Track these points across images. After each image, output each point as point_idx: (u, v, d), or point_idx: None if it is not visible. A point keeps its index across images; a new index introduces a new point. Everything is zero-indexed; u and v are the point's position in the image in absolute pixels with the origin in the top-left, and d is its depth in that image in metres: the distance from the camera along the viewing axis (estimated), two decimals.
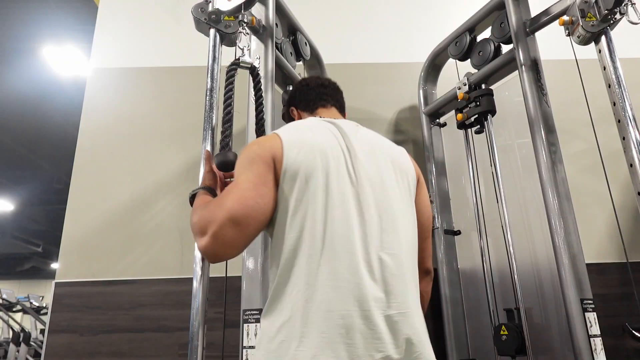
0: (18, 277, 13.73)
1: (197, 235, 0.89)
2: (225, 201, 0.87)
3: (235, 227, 0.85)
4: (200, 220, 0.89)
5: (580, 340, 1.27)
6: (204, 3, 1.37)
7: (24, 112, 6.12)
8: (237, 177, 0.92)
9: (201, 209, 0.92)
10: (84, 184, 2.06)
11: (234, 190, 0.89)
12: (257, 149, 0.95)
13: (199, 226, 0.88)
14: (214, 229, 0.84)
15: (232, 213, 0.84)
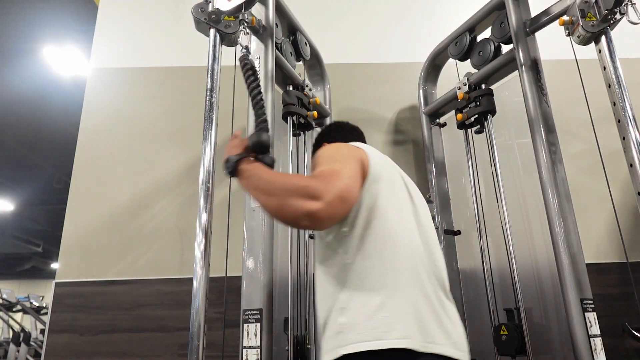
0: (18, 277, 13.74)
1: (299, 197, 0.89)
2: (336, 181, 0.92)
3: (342, 204, 0.91)
4: (307, 186, 0.91)
5: (580, 340, 1.27)
6: (204, 3, 1.37)
7: (24, 112, 6.12)
8: (334, 166, 0.98)
9: (293, 176, 1.05)
10: (84, 184, 2.06)
11: (341, 174, 0.95)
12: (349, 151, 1.07)
13: (306, 190, 0.89)
14: (329, 198, 0.88)
15: (343, 192, 0.91)
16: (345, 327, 0.90)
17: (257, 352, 1.16)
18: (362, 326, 0.88)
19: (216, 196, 1.32)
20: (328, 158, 1.03)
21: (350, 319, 0.90)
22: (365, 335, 0.86)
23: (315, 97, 1.88)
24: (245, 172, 1.03)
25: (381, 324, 0.87)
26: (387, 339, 0.85)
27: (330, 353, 0.90)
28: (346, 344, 0.87)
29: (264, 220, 1.30)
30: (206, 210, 1.18)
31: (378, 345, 0.84)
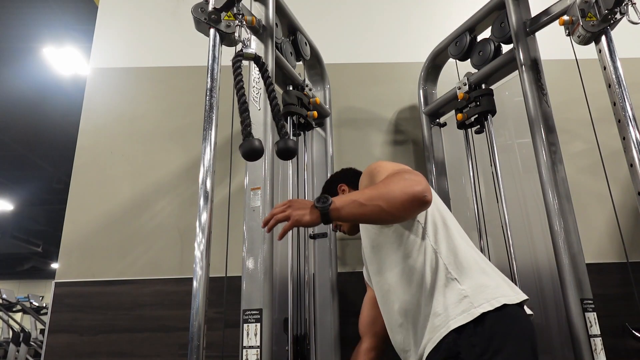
0: (18, 277, 13.73)
1: (410, 185, 1.09)
2: (415, 182, 1.10)
3: (421, 200, 1.09)
4: (408, 180, 1.10)
5: (580, 340, 1.27)
6: (204, 3, 1.36)
7: (24, 112, 6.12)
8: (400, 168, 1.20)
9: (382, 181, 1.15)
10: (84, 184, 2.06)
11: (411, 178, 1.12)
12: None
13: (411, 182, 1.09)
14: (425, 183, 1.10)
15: (422, 188, 1.10)
16: (470, 292, 1.10)
17: (257, 352, 1.16)
18: (486, 291, 1.10)
19: (216, 196, 1.32)
20: (389, 165, 1.23)
21: (472, 286, 1.11)
22: (492, 295, 1.09)
23: (315, 97, 1.88)
24: (340, 201, 1.12)
25: (496, 289, 1.12)
26: (507, 295, 1.11)
27: (462, 315, 1.07)
28: (482, 303, 1.07)
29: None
30: (206, 210, 1.18)
31: (506, 301, 1.09)
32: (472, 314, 1.06)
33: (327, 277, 1.79)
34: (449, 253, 1.17)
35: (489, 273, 1.16)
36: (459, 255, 1.17)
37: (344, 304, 1.79)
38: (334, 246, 1.86)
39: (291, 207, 1.11)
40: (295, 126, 1.77)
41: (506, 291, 1.13)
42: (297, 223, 1.10)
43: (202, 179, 1.21)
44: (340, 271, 1.88)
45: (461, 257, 1.16)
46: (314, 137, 2.02)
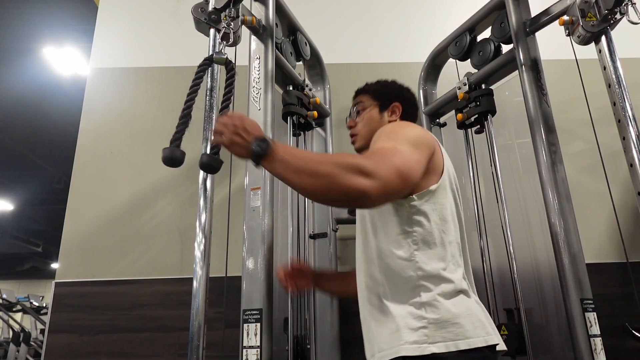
0: (18, 277, 13.73)
1: (350, 174, 0.86)
2: (395, 158, 0.93)
3: (400, 181, 0.91)
4: (359, 163, 0.88)
5: (580, 340, 1.27)
6: (204, 3, 1.37)
7: (24, 112, 6.12)
8: (399, 145, 0.97)
9: (341, 154, 0.96)
10: (84, 184, 2.06)
11: (404, 154, 0.95)
12: (422, 135, 1.06)
13: (358, 167, 0.87)
14: (384, 174, 0.88)
15: (401, 169, 0.91)
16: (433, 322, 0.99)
17: (257, 352, 1.16)
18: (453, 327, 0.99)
19: (216, 196, 1.32)
20: (395, 135, 1.02)
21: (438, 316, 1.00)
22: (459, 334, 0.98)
23: (315, 97, 1.88)
24: (279, 153, 0.90)
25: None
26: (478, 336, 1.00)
27: (413, 346, 0.96)
28: (438, 341, 0.97)
29: (264, 220, 1.30)
30: (206, 210, 1.18)
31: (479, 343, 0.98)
32: (423, 350, 0.92)
33: None
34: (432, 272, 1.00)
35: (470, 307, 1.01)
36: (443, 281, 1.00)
37: (344, 304, 1.79)
38: (334, 246, 1.86)
39: (234, 132, 0.95)
40: (295, 126, 1.77)
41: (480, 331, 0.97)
42: (228, 149, 0.98)
43: (202, 179, 1.22)
44: (341, 271, 1.88)
45: (445, 287, 0.99)
46: (314, 137, 2.02)
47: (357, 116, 1.33)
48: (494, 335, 0.99)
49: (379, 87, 1.36)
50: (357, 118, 1.33)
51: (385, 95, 1.32)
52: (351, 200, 0.93)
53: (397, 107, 1.30)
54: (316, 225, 1.87)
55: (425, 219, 1.03)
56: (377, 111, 1.30)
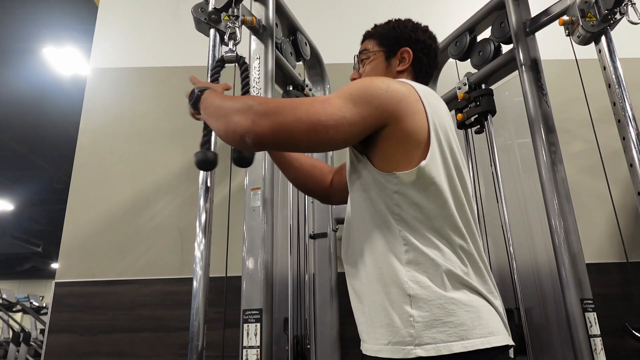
0: (18, 277, 13.73)
1: (241, 113, 0.82)
2: (298, 106, 0.81)
3: (294, 133, 0.80)
4: (258, 105, 0.82)
5: (580, 340, 1.27)
6: (204, 3, 1.37)
7: (24, 112, 6.12)
8: (330, 98, 0.84)
9: (246, 98, 0.90)
10: (84, 184, 2.06)
11: (314, 102, 0.83)
12: (377, 96, 0.85)
13: (255, 110, 0.81)
14: (273, 120, 0.79)
15: (298, 118, 0.80)
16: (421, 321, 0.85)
17: (257, 352, 1.16)
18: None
19: (216, 196, 1.32)
20: (349, 87, 0.87)
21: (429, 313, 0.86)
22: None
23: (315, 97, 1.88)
24: (203, 101, 0.95)
25: None
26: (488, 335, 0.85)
27: (395, 348, 0.83)
28: (428, 342, 0.82)
29: (264, 220, 1.30)
30: (206, 210, 1.18)
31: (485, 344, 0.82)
32: (407, 353, 0.76)
33: (327, 277, 1.79)
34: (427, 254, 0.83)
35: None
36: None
37: (344, 304, 1.79)
38: (334, 246, 1.86)
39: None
40: None
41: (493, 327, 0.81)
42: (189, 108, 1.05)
43: (202, 179, 1.22)
44: (340, 271, 1.88)
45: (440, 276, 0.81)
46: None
47: (361, 66, 1.16)
48: (500, 335, 0.81)
49: (387, 28, 1.14)
50: (361, 69, 1.15)
51: (392, 40, 1.10)
52: (238, 141, 0.83)
53: (407, 52, 1.07)
54: (316, 225, 1.88)
55: (413, 201, 0.84)
56: (382, 59, 1.09)
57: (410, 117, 0.85)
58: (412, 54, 1.07)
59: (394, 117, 0.84)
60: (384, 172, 0.86)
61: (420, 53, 1.08)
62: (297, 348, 1.52)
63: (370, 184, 0.89)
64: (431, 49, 1.10)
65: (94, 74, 2.27)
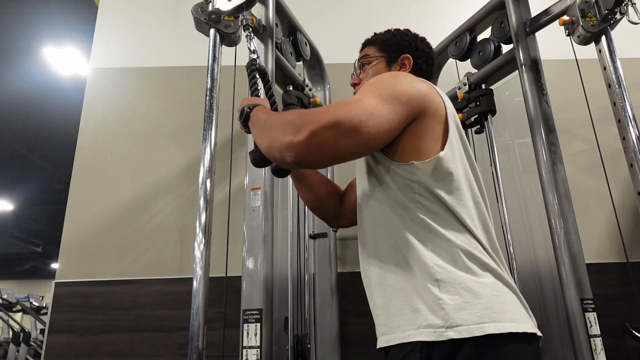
0: (18, 277, 13.73)
1: (283, 130, 0.80)
2: (339, 109, 0.79)
3: (336, 133, 0.77)
4: (293, 118, 0.80)
5: (580, 340, 1.27)
6: (204, 3, 1.37)
7: (24, 112, 6.12)
8: (364, 98, 0.83)
9: (291, 111, 0.86)
10: (84, 184, 2.06)
11: (351, 105, 0.80)
12: (406, 92, 0.87)
13: (292, 123, 0.79)
14: (314, 127, 0.76)
15: (340, 119, 0.77)
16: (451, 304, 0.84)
17: (257, 352, 1.16)
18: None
19: (216, 196, 1.33)
20: (373, 85, 0.87)
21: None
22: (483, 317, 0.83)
23: (315, 97, 1.88)
24: (252, 119, 0.97)
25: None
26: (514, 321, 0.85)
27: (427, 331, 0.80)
28: (460, 324, 0.81)
29: (264, 220, 1.30)
30: (206, 210, 1.18)
31: (511, 328, 0.82)
32: (439, 335, 0.75)
33: (327, 277, 1.79)
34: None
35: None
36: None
37: (344, 304, 1.79)
38: (334, 246, 1.86)
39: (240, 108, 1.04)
40: None
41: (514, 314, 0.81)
42: None
43: (202, 179, 1.22)
44: (340, 271, 1.88)
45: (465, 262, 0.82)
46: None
47: (361, 72, 1.18)
48: (528, 324, 0.82)
49: (388, 36, 1.16)
50: (361, 74, 1.18)
51: (394, 46, 1.13)
52: (278, 158, 0.82)
53: (408, 59, 1.11)
54: (316, 225, 1.88)
55: (432, 191, 0.86)
56: (384, 65, 1.13)
57: (432, 112, 0.89)
58: (412, 61, 1.11)
59: (421, 111, 0.87)
60: (401, 163, 0.87)
61: (420, 60, 1.13)
62: (298, 347, 1.52)
63: (385, 176, 0.90)
64: (429, 57, 1.16)
65: (94, 74, 2.27)
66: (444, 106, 0.92)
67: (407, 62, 1.11)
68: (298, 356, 1.52)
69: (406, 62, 1.11)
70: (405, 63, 1.11)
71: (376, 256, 0.90)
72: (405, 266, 0.84)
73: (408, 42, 1.13)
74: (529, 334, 0.80)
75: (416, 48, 1.13)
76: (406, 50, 1.12)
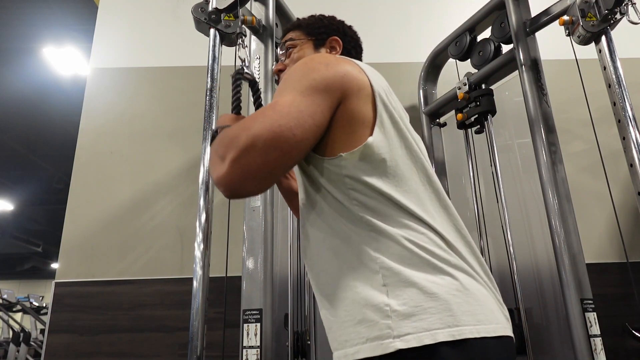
0: (18, 277, 13.74)
1: (214, 163, 0.75)
2: (254, 124, 0.70)
3: (259, 154, 0.68)
4: (219, 146, 0.73)
5: (580, 340, 1.27)
6: (204, 3, 1.37)
7: (24, 112, 6.12)
8: (281, 99, 0.74)
9: (216, 140, 0.77)
10: (84, 184, 2.06)
11: (267, 113, 0.72)
12: (327, 77, 0.76)
13: (218, 154, 0.72)
14: (233, 154, 0.69)
15: (259, 138, 0.68)
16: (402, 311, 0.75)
17: (257, 352, 1.16)
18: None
19: (216, 196, 1.32)
20: (292, 78, 0.78)
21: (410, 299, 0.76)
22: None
23: None
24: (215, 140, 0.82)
25: None
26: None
27: (373, 344, 0.72)
28: (408, 332, 0.72)
29: (264, 220, 1.30)
30: (206, 210, 1.18)
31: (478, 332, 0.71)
32: (386, 347, 0.65)
33: None
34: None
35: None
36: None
37: None
38: None
39: None
40: None
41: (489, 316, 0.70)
42: None
43: (202, 179, 1.22)
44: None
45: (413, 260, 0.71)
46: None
47: (286, 57, 1.05)
48: (493, 324, 0.69)
49: (313, 20, 1.09)
50: (286, 60, 1.05)
51: (321, 29, 1.05)
52: (223, 193, 0.73)
53: (337, 41, 1.04)
54: None
55: (366, 183, 0.75)
56: (311, 48, 1.03)
57: (355, 92, 0.78)
58: (342, 44, 1.04)
59: (343, 95, 0.77)
60: (331, 158, 0.77)
61: (349, 45, 1.06)
62: (298, 344, 1.53)
63: (318, 176, 0.80)
64: (357, 43, 1.09)
65: (94, 74, 2.27)
66: (369, 84, 0.80)
67: (336, 45, 1.04)
68: (298, 352, 1.52)
69: (335, 45, 1.04)
70: (335, 46, 1.03)
71: (319, 264, 0.81)
72: (348, 273, 0.74)
73: (336, 26, 1.07)
74: (496, 337, 0.68)
75: (344, 33, 1.07)
76: (334, 33, 1.05)
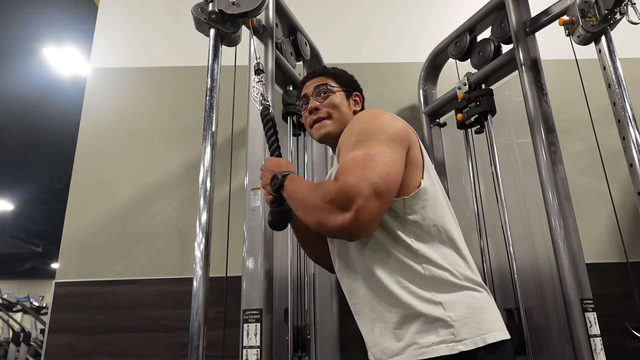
0: (18, 277, 13.73)
1: (329, 213, 0.84)
2: (368, 173, 0.84)
3: (379, 201, 0.83)
4: (334, 198, 0.83)
5: (580, 340, 1.27)
6: (204, 3, 1.37)
7: (24, 112, 6.12)
8: (371, 152, 0.88)
9: (321, 188, 0.88)
10: (84, 184, 2.06)
11: (371, 163, 0.85)
12: (397, 130, 0.94)
13: (335, 203, 0.83)
14: (360, 203, 0.81)
15: (378, 187, 0.83)
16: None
17: (257, 352, 1.16)
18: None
19: (216, 196, 1.33)
20: (366, 133, 0.92)
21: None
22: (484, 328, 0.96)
23: None
24: (287, 189, 0.97)
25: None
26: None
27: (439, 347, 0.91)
28: (466, 337, 0.93)
29: (264, 220, 1.30)
30: (206, 210, 1.19)
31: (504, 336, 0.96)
32: (452, 349, 0.86)
33: (327, 276, 1.79)
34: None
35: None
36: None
37: (343, 303, 1.78)
38: None
39: (263, 174, 1.06)
40: (295, 126, 1.77)
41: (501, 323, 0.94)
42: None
43: (202, 179, 1.22)
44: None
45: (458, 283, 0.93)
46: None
47: (321, 98, 1.16)
48: (505, 330, 0.94)
49: (343, 73, 1.23)
50: (323, 100, 1.15)
51: (349, 83, 1.21)
52: (332, 236, 0.92)
53: (360, 97, 1.21)
54: None
55: (422, 220, 0.94)
56: (344, 97, 1.17)
57: (413, 142, 0.97)
58: (361, 101, 1.22)
59: (408, 144, 0.95)
60: (395, 198, 0.92)
61: (363, 101, 1.24)
62: (297, 338, 1.53)
63: None
64: (364, 100, 1.26)
65: (94, 74, 2.27)
66: (414, 134, 1.00)
67: (358, 100, 1.21)
68: (298, 346, 1.52)
69: (358, 100, 1.20)
70: (357, 100, 1.20)
71: (371, 289, 0.97)
72: (412, 297, 0.91)
73: (356, 83, 1.24)
74: (509, 340, 0.94)
75: (361, 90, 1.24)
76: (357, 89, 1.23)
